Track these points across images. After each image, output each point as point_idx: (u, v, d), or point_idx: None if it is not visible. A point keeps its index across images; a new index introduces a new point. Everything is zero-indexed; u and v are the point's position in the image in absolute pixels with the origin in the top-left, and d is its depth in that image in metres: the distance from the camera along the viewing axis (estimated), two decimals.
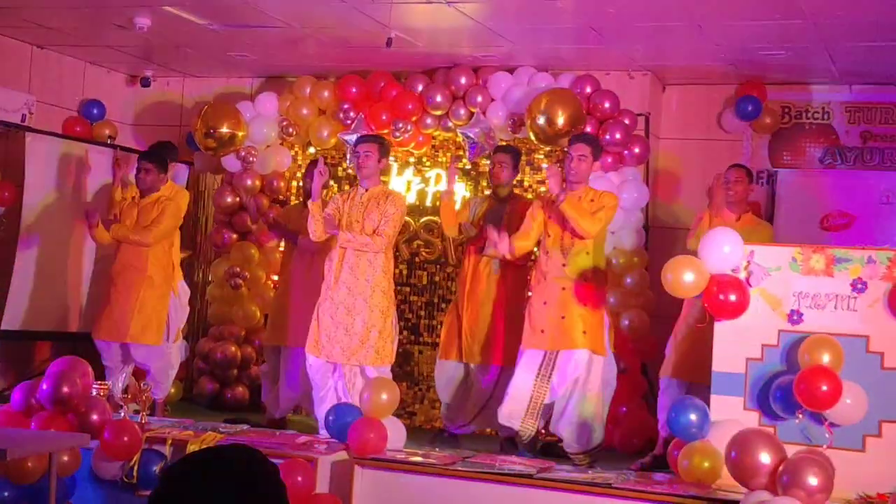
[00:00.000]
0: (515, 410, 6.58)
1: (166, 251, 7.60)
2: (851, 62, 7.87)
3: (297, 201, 8.69)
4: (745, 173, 7.07)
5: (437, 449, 6.44)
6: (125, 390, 5.65)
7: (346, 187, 8.62)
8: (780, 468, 4.38)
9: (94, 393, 5.69)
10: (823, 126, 8.56)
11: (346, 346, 6.66)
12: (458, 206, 7.60)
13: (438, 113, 8.54)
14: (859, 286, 5.36)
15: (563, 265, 6.59)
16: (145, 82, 9.77)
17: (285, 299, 7.77)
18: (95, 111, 9.50)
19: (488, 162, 7.92)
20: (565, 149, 6.99)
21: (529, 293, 7.06)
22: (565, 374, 6.51)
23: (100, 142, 9.19)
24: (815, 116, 8.58)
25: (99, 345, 7.51)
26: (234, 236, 9.12)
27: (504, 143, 8.01)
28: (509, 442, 7.00)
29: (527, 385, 6.55)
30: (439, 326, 8.46)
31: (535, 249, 7.15)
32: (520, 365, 6.63)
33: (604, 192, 6.80)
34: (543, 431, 6.92)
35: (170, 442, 5.56)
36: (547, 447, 6.98)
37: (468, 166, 8.72)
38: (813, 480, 4.25)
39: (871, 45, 7.36)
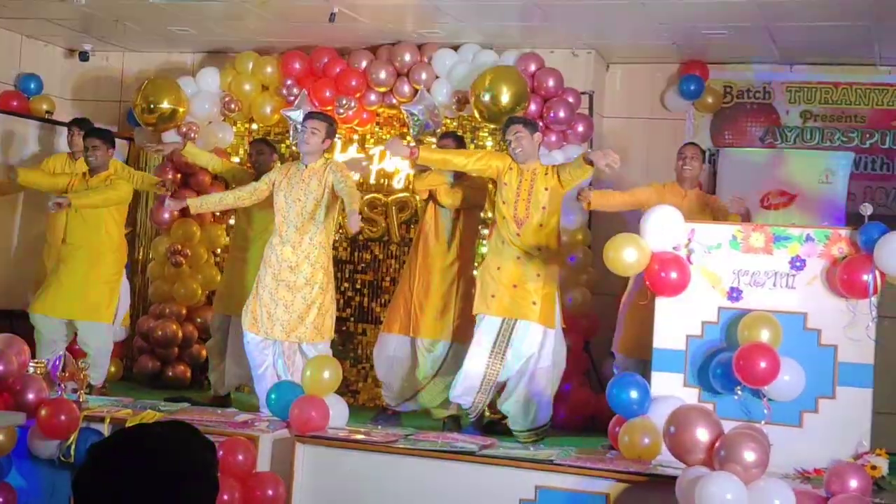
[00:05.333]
0: (469, 388, 6.58)
1: (119, 227, 7.49)
2: (792, 42, 7.94)
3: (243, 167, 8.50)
4: (700, 151, 7.31)
5: (379, 427, 6.44)
6: (63, 368, 5.54)
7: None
8: (718, 444, 4.42)
9: (31, 371, 5.59)
10: (764, 105, 8.65)
11: (286, 323, 6.63)
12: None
13: (382, 90, 8.50)
14: (798, 264, 5.42)
15: (518, 234, 6.59)
16: (84, 56, 9.60)
17: (241, 268, 7.66)
18: (32, 85, 9.33)
19: (434, 140, 7.90)
20: (502, 140, 6.86)
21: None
22: (520, 352, 6.52)
23: (37, 116, 9.03)
24: (757, 96, 8.66)
25: (40, 320, 7.34)
26: (175, 213, 9.01)
27: (449, 130, 8.03)
28: (452, 420, 7.01)
29: (481, 362, 6.55)
30: (382, 305, 8.45)
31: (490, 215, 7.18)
32: (475, 341, 6.61)
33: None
34: (488, 410, 6.93)
35: (108, 420, 5.49)
36: (491, 424, 7.00)
37: (412, 143, 8.70)
38: (749, 456, 4.29)
39: (811, 25, 7.43)
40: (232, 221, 8.61)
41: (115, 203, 7.36)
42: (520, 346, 6.51)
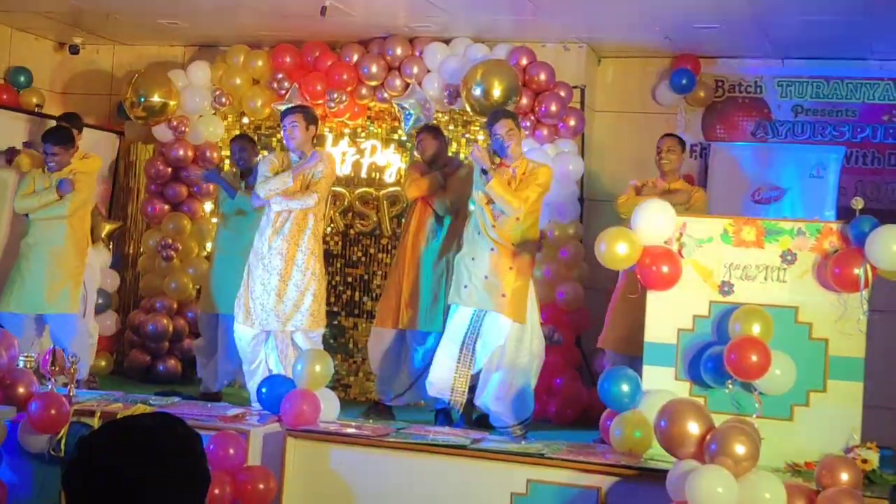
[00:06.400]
0: (443, 381, 6.59)
1: (82, 222, 7.45)
2: (784, 36, 7.94)
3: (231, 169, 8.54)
4: (678, 142, 7.17)
5: (370, 421, 6.43)
6: (52, 362, 5.51)
7: None
8: (708, 437, 4.42)
9: (21, 365, 5.57)
10: (756, 100, 8.65)
11: (281, 313, 6.65)
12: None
13: (373, 84, 8.49)
14: (789, 258, 5.41)
15: (493, 226, 6.59)
16: (74, 50, 9.57)
17: (226, 266, 7.66)
18: (22, 78, 9.29)
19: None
20: (492, 134, 6.66)
21: None
22: (489, 344, 6.53)
23: (26, 110, 9.00)
24: (748, 90, 8.67)
25: (7, 319, 7.30)
26: (166, 207, 9.00)
27: (427, 124, 8.04)
28: (443, 414, 7.01)
29: (452, 355, 6.56)
30: (374, 299, 8.45)
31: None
32: (447, 333, 6.65)
33: (538, 165, 6.79)
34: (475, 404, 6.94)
35: (98, 415, 5.47)
36: (481, 418, 7.00)
37: (404, 137, 8.69)
38: (740, 449, 4.29)
39: (803, 19, 7.42)
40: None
41: (72, 212, 7.34)
42: (488, 338, 6.52)
